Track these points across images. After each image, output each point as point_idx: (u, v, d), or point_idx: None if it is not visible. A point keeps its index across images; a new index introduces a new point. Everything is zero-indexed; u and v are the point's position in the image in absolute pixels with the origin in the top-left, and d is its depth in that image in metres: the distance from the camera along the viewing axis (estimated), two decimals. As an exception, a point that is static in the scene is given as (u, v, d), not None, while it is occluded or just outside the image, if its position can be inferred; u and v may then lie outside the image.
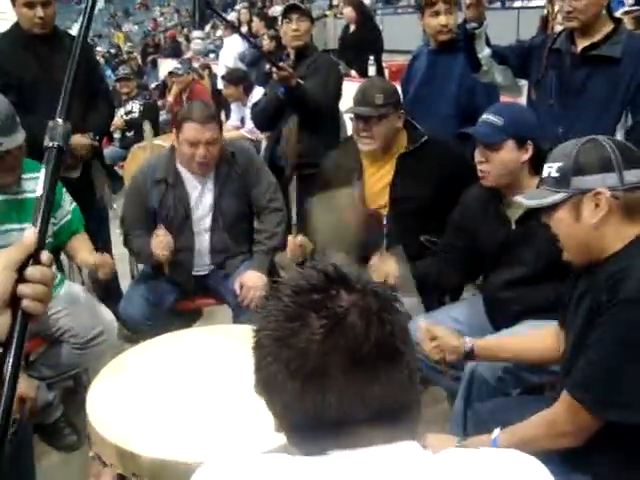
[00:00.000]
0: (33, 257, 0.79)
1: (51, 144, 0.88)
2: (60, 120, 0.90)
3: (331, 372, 0.73)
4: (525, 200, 1.60)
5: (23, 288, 0.76)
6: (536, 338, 1.80)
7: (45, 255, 0.80)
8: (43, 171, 0.86)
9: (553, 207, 1.48)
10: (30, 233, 0.80)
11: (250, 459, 0.77)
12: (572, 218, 1.45)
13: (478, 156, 2.09)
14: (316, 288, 0.76)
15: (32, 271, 0.78)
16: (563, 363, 1.58)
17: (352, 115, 2.54)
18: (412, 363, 0.78)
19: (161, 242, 2.48)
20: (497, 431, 1.51)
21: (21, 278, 0.77)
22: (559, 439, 1.45)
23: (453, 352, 1.80)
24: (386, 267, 2.20)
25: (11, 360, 0.74)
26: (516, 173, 2.04)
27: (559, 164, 1.47)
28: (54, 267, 2.33)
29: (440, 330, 1.83)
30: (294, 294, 0.76)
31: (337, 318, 0.74)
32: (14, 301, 0.76)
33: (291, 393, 0.74)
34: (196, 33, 2.92)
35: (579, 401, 1.39)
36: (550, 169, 1.49)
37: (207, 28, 13.84)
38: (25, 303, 0.76)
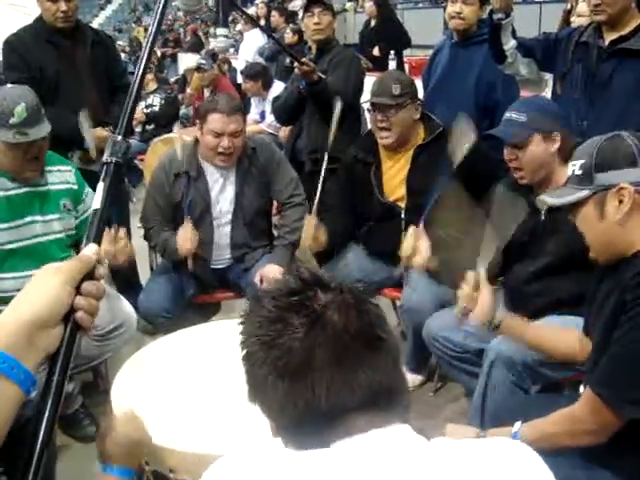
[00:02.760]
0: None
1: (109, 159, 0.88)
2: (120, 137, 0.90)
3: (316, 366, 0.76)
4: (549, 199, 1.58)
5: (80, 301, 0.78)
6: (560, 334, 1.77)
7: (101, 270, 0.82)
8: (101, 185, 0.86)
9: (578, 205, 1.46)
10: (92, 251, 0.82)
11: (255, 456, 0.79)
12: (596, 215, 1.43)
13: (507, 155, 2.08)
14: (294, 292, 0.80)
15: (90, 286, 0.79)
16: (588, 363, 1.55)
17: (370, 107, 2.54)
18: (394, 349, 0.81)
19: (187, 237, 2.48)
20: (518, 424, 1.50)
21: (78, 291, 0.78)
22: (581, 436, 1.43)
23: (481, 316, 1.72)
24: (418, 245, 2.21)
25: (58, 369, 0.75)
26: (548, 165, 2.03)
27: (582, 161, 1.45)
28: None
29: (487, 291, 1.75)
30: (274, 300, 0.80)
31: (316, 315, 0.77)
32: (68, 315, 0.77)
33: (282, 393, 0.77)
34: (221, 30, 2.91)
35: (601, 398, 1.37)
36: (574, 167, 1.47)
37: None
38: (79, 315, 0.77)
